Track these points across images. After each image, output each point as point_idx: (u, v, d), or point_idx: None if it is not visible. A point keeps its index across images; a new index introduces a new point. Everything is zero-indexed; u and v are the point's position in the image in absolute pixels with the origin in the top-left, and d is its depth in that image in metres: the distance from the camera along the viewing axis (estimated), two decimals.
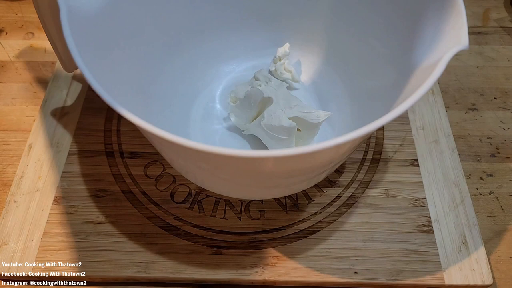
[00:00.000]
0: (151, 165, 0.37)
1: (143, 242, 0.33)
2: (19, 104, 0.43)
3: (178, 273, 0.32)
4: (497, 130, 0.42)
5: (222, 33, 0.40)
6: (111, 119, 0.40)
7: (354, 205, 0.35)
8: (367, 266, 0.32)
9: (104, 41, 0.29)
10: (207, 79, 0.41)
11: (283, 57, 0.40)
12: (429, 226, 0.34)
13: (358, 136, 0.21)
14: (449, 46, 0.24)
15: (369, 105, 0.34)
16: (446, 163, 0.38)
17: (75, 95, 0.42)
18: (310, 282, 0.32)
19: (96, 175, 0.37)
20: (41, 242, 0.33)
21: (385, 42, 0.33)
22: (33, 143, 0.38)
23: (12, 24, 0.50)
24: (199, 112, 0.39)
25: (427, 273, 0.32)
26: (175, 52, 0.38)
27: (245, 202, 0.35)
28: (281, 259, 0.33)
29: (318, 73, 0.41)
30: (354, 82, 0.37)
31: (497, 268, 0.34)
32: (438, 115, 0.41)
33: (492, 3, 0.53)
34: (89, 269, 0.32)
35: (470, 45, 0.48)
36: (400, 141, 0.39)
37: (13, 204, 0.35)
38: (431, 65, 0.25)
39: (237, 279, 0.32)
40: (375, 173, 0.37)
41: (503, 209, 0.37)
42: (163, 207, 0.35)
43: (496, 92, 0.45)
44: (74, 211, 0.35)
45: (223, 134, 0.38)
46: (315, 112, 0.35)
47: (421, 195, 0.36)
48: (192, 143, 0.20)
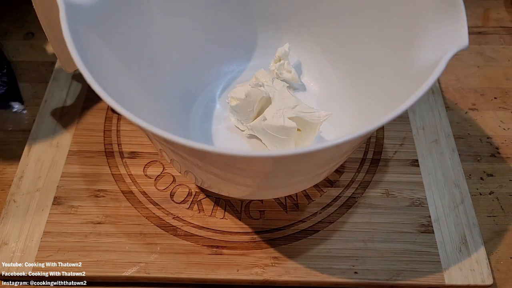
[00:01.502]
0: (151, 165, 0.37)
1: (143, 242, 0.33)
2: (19, 104, 0.43)
3: (178, 273, 0.32)
4: (497, 130, 0.42)
5: (222, 33, 0.40)
6: (111, 119, 0.40)
7: (354, 205, 0.35)
8: (367, 266, 0.32)
9: (103, 41, 0.29)
10: (207, 79, 0.41)
11: (283, 57, 0.40)
12: (429, 226, 0.34)
13: (358, 136, 0.21)
14: (449, 46, 0.24)
15: (369, 105, 0.34)
16: (446, 163, 0.38)
17: (75, 95, 0.42)
18: (310, 282, 0.32)
19: (96, 175, 0.37)
20: (41, 242, 0.33)
21: (385, 42, 0.33)
22: (33, 143, 0.38)
23: (12, 24, 0.50)
24: (199, 112, 0.39)
25: (428, 273, 0.32)
26: (175, 52, 0.38)
27: (245, 202, 0.35)
28: (281, 259, 0.33)
29: (318, 73, 0.41)
30: (354, 82, 0.37)
31: (497, 268, 0.34)
32: (438, 115, 0.41)
33: (492, 3, 0.53)
34: (89, 269, 0.32)
35: (470, 45, 0.48)
36: (400, 141, 0.39)
37: (13, 204, 0.35)
38: (431, 65, 0.25)
39: (237, 279, 0.32)
40: (375, 173, 0.37)
41: (503, 209, 0.37)
42: (162, 207, 0.35)
43: (496, 92, 0.45)
44: (74, 211, 0.35)
45: (223, 134, 0.38)
46: (315, 112, 0.35)
47: (421, 195, 0.36)
48: (192, 143, 0.20)
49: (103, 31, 0.29)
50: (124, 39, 0.32)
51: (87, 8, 0.27)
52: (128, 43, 0.32)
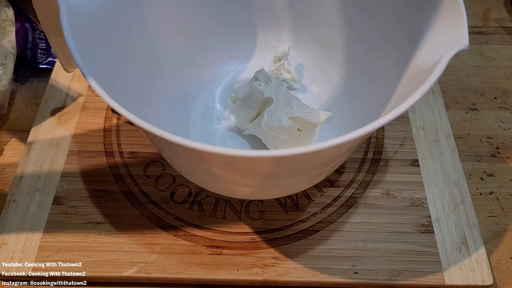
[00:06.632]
0: (151, 165, 0.37)
1: (143, 242, 0.33)
2: (19, 104, 0.43)
3: (178, 273, 0.32)
4: (498, 130, 0.42)
5: (222, 33, 0.40)
6: (111, 119, 0.40)
7: (355, 205, 0.35)
8: (368, 266, 0.32)
9: (103, 41, 0.29)
10: (207, 79, 0.41)
11: (283, 57, 0.40)
12: (430, 226, 0.34)
13: (358, 136, 0.21)
14: (449, 46, 0.24)
15: (369, 105, 0.34)
16: (447, 163, 0.38)
17: (75, 95, 0.42)
18: (310, 282, 0.32)
19: (96, 175, 0.37)
20: (41, 242, 0.33)
21: (385, 42, 0.33)
22: (33, 143, 0.38)
23: None
24: (199, 112, 0.39)
25: (428, 273, 0.32)
26: (175, 52, 0.38)
27: (245, 202, 0.35)
28: (281, 259, 0.33)
29: (318, 73, 0.41)
30: (354, 82, 0.37)
31: (497, 268, 0.34)
32: (438, 115, 0.41)
33: (492, 3, 0.53)
34: (89, 269, 0.32)
35: (470, 45, 0.48)
36: (401, 141, 0.39)
37: (13, 204, 0.35)
38: (431, 65, 0.25)
39: (237, 279, 0.32)
40: (376, 173, 0.37)
41: (503, 209, 0.37)
42: (163, 207, 0.35)
43: (496, 92, 0.45)
44: (74, 211, 0.35)
45: (223, 134, 0.38)
46: (315, 112, 0.35)
47: (422, 195, 0.36)
48: (192, 143, 0.20)
49: (103, 31, 0.29)
50: (124, 39, 0.32)
51: (87, 8, 0.27)
52: (128, 43, 0.32)
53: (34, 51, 0.44)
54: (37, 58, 0.45)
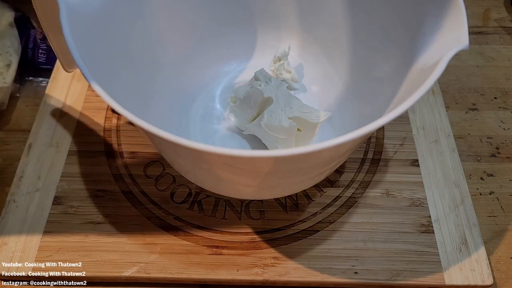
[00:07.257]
0: (151, 165, 0.37)
1: (143, 242, 0.33)
2: (19, 104, 0.43)
3: (178, 273, 0.32)
4: (498, 130, 0.42)
5: (222, 33, 0.40)
6: (111, 119, 0.40)
7: (355, 205, 0.35)
8: (368, 266, 0.32)
9: (103, 41, 0.29)
10: (207, 79, 0.41)
11: (283, 57, 0.40)
12: (430, 226, 0.34)
13: (358, 136, 0.21)
14: (449, 46, 0.24)
15: (369, 105, 0.34)
16: (447, 163, 0.38)
17: (75, 95, 0.42)
18: (310, 282, 0.32)
19: (96, 175, 0.37)
20: (41, 242, 0.33)
21: (385, 42, 0.33)
22: (33, 143, 0.38)
23: None
24: (199, 112, 0.39)
25: (428, 273, 0.32)
26: (175, 52, 0.38)
27: (245, 202, 0.35)
28: (281, 259, 0.33)
29: (317, 73, 0.41)
30: (354, 82, 0.37)
31: (497, 268, 0.34)
32: (438, 115, 0.41)
33: (492, 3, 0.53)
34: (89, 269, 0.32)
35: (470, 45, 0.48)
36: (401, 141, 0.39)
37: (13, 204, 0.35)
38: (431, 65, 0.25)
39: (237, 279, 0.32)
40: (376, 173, 0.37)
41: (503, 209, 0.37)
42: (163, 207, 0.35)
43: (497, 92, 0.45)
44: (73, 211, 0.35)
45: (223, 134, 0.38)
46: (315, 112, 0.35)
47: (422, 195, 0.36)
48: (192, 143, 0.20)
49: (103, 31, 0.29)
50: (124, 39, 0.32)
51: (87, 8, 0.27)
52: (128, 43, 0.32)
53: (34, 51, 0.44)
54: (38, 58, 0.45)
